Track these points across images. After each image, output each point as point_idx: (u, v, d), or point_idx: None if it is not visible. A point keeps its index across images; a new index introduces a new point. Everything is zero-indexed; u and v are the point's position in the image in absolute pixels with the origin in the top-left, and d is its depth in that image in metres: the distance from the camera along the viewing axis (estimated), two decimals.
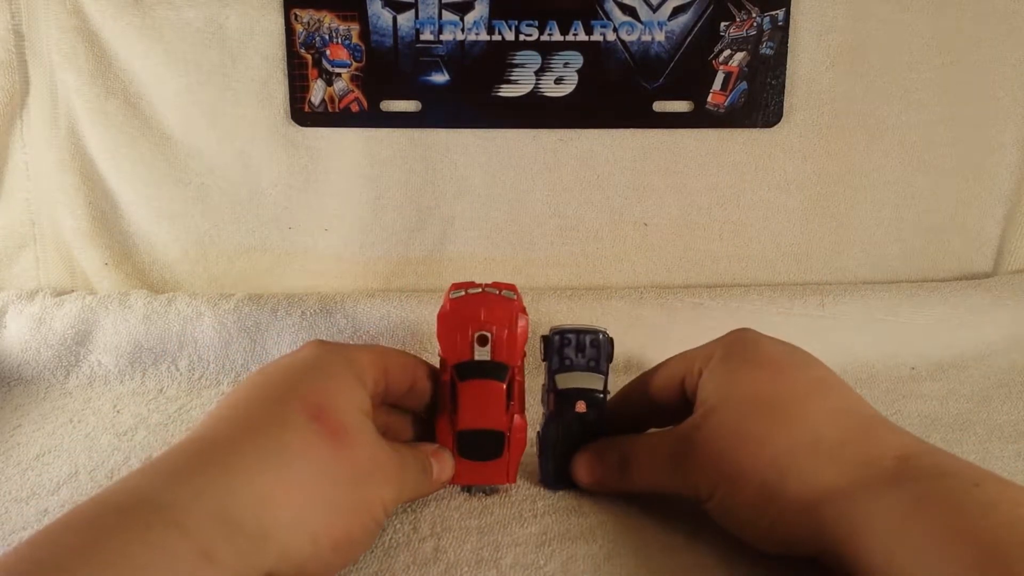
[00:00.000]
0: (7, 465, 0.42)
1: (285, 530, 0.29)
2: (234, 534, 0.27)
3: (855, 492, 0.30)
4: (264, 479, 0.29)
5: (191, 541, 0.26)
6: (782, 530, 0.31)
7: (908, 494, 0.28)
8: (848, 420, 0.33)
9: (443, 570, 0.33)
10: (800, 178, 0.57)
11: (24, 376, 0.52)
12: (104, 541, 0.25)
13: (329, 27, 0.53)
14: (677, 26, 0.54)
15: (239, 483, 0.28)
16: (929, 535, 0.27)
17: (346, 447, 0.32)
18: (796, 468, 0.31)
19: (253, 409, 0.32)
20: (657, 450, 0.36)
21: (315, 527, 0.30)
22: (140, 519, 0.26)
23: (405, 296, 0.55)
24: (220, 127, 0.55)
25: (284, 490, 0.29)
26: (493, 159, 0.56)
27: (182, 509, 0.27)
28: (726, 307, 0.55)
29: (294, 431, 0.31)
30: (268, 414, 0.31)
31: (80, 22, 0.52)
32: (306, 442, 0.31)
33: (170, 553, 0.25)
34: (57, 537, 0.25)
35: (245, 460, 0.29)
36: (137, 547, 0.25)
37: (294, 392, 0.32)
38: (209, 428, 0.31)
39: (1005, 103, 0.56)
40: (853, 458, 0.31)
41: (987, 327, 0.55)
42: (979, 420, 0.47)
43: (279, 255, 0.57)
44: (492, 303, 0.37)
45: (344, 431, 0.32)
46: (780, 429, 0.33)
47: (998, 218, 0.58)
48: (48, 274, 0.57)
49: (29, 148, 0.55)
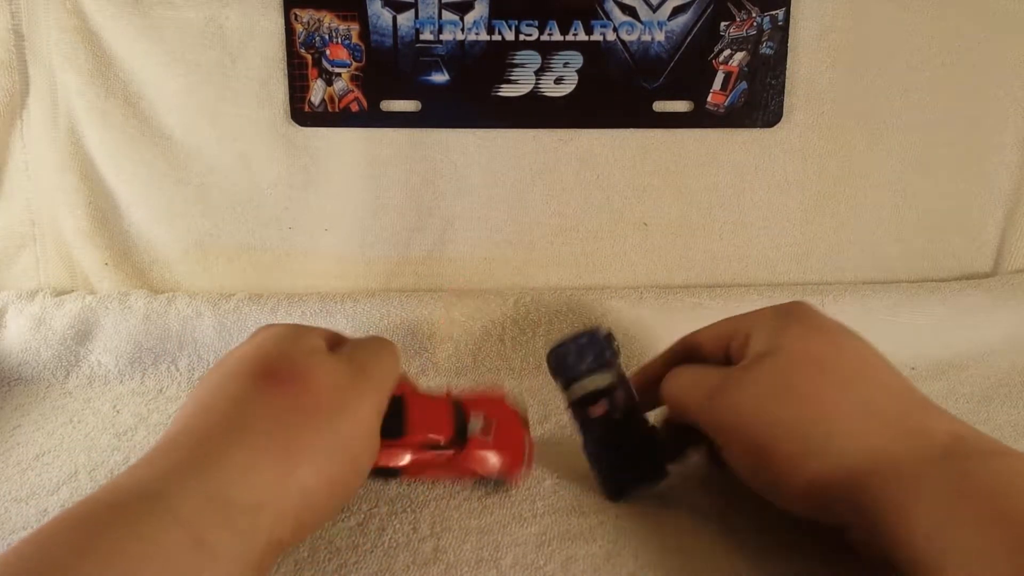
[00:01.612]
0: (7, 465, 0.42)
1: (274, 493, 0.29)
2: (229, 516, 0.27)
3: (905, 462, 0.29)
4: (244, 451, 0.29)
5: (185, 530, 0.26)
6: (819, 492, 0.30)
7: (957, 470, 0.28)
8: (901, 395, 0.32)
9: (443, 570, 0.34)
10: (800, 178, 0.57)
11: (24, 376, 0.52)
12: (99, 537, 0.25)
13: (329, 27, 0.53)
14: (677, 26, 0.54)
15: (224, 463, 0.29)
16: (974, 514, 0.26)
17: (300, 385, 0.32)
18: (845, 429, 0.30)
19: (215, 396, 0.32)
20: (701, 379, 0.35)
21: (302, 478, 0.30)
22: (132, 512, 0.26)
23: (405, 296, 0.55)
24: (220, 127, 0.55)
25: (265, 455, 0.29)
26: (493, 159, 0.56)
27: (174, 497, 0.27)
28: (726, 307, 0.55)
29: (255, 399, 0.31)
30: (228, 394, 0.32)
31: (80, 22, 0.52)
32: (267, 403, 0.31)
33: (165, 544, 0.25)
34: (53, 536, 0.25)
35: (221, 440, 0.30)
36: (132, 541, 0.25)
37: (246, 368, 0.33)
38: (181, 425, 0.31)
39: (1005, 103, 0.56)
40: (907, 428, 0.30)
41: (987, 327, 0.55)
42: (979, 420, 0.47)
43: (279, 255, 0.57)
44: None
45: (297, 375, 0.32)
46: (831, 389, 0.32)
47: (998, 218, 0.58)
48: (48, 274, 0.57)
49: (29, 148, 0.55)
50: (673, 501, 0.38)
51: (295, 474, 0.30)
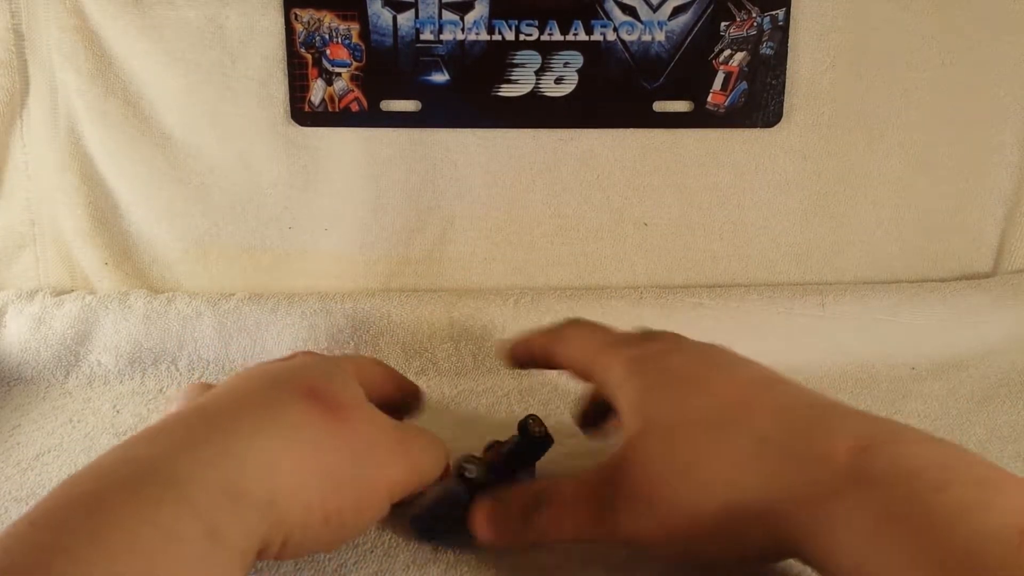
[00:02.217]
0: (7, 465, 0.42)
1: (286, 497, 0.28)
2: (241, 508, 0.27)
3: (811, 500, 0.27)
4: (271, 445, 0.29)
5: (200, 521, 0.25)
6: (752, 549, 0.29)
7: (870, 502, 0.26)
8: (791, 415, 0.30)
9: (443, 570, 0.34)
10: (800, 178, 0.57)
11: (24, 376, 0.52)
12: (114, 523, 0.24)
13: (329, 27, 0.53)
14: (677, 26, 0.54)
15: (245, 451, 0.28)
16: (898, 550, 0.25)
17: (343, 421, 0.31)
18: (744, 482, 0.28)
19: (252, 390, 0.32)
20: (579, 493, 0.32)
21: (309, 496, 0.29)
22: (150, 497, 0.25)
23: (405, 296, 0.55)
24: (220, 127, 0.55)
25: (288, 457, 0.29)
26: (493, 159, 0.56)
27: (192, 483, 0.26)
28: (726, 307, 0.55)
29: (292, 406, 0.31)
30: (265, 394, 0.31)
31: (80, 22, 0.52)
32: (304, 415, 0.31)
33: (179, 535, 0.24)
34: (61, 516, 0.24)
35: (249, 430, 0.29)
36: (147, 528, 0.24)
37: (288, 377, 0.32)
38: (209, 401, 0.31)
39: (1005, 103, 0.56)
40: (803, 458, 0.28)
41: (987, 327, 0.55)
42: (979, 420, 0.47)
43: (279, 255, 0.57)
44: None
45: (340, 407, 0.32)
46: (717, 447, 0.29)
47: (998, 218, 0.58)
48: (48, 274, 0.57)
49: (29, 148, 0.55)
50: None
51: (305, 489, 0.29)
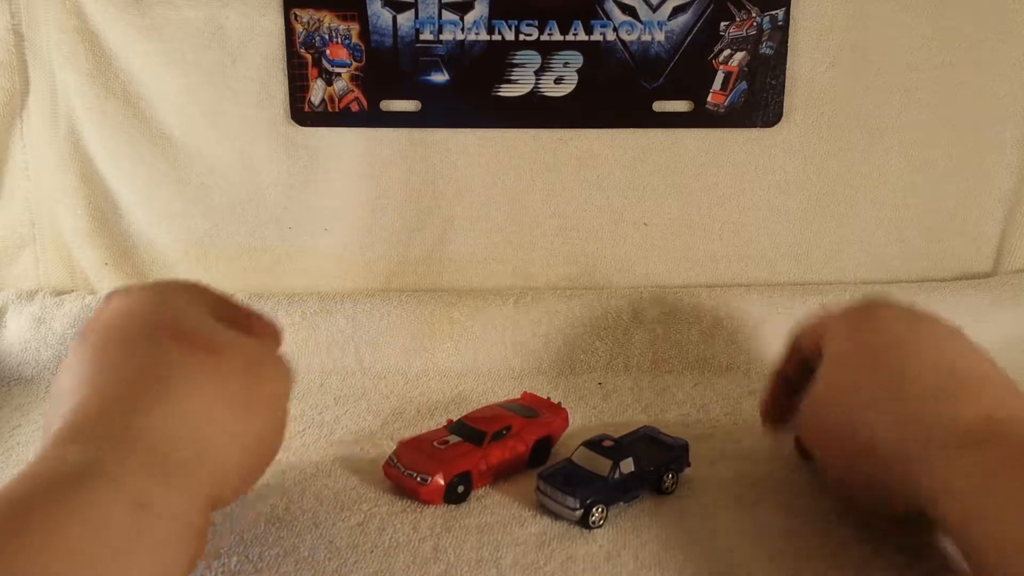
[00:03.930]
0: (7, 465, 0.42)
1: (215, 447, 0.29)
2: (169, 472, 0.27)
3: (934, 450, 0.30)
4: (173, 408, 0.29)
5: (124, 493, 0.25)
6: (880, 488, 0.32)
7: (991, 456, 0.28)
8: (947, 374, 0.32)
9: (443, 570, 0.34)
10: (800, 178, 0.57)
11: (24, 376, 0.52)
12: (37, 521, 0.24)
13: (329, 27, 0.53)
14: (677, 26, 0.54)
15: (153, 421, 0.28)
16: (1010, 498, 0.26)
17: (218, 355, 0.32)
18: (881, 420, 0.32)
19: (125, 357, 0.31)
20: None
21: (229, 430, 0.30)
22: (68, 486, 0.25)
23: (405, 296, 0.55)
24: (220, 127, 0.55)
25: (204, 409, 0.30)
26: (493, 159, 0.56)
27: (110, 464, 0.26)
28: (726, 307, 0.55)
29: (171, 356, 0.31)
30: (148, 354, 0.31)
31: (80, 22, 0.52)
32: (192, 365, 0.31)
33: (104, 521, 0.25)
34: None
35: (148, 398, 0.29)
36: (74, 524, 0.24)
37: (144, 327, 0.32)
38: (91, 390, 0.30)
39: (1005, 103, 0.56)
40: (939, 413, 0.31)
41: (987, 327, 0.55)
42: None
43: (279, 255, 0.57)
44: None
45: (208, 342, 0.32)
46: (867, 375, 0.34)
47: (998, 218, 0.58)
48: (48, 274, 0.57)
49: (29, 148, 0.55)
50: (672, 502, 0.38)
51: (229, 432, 0.30)
